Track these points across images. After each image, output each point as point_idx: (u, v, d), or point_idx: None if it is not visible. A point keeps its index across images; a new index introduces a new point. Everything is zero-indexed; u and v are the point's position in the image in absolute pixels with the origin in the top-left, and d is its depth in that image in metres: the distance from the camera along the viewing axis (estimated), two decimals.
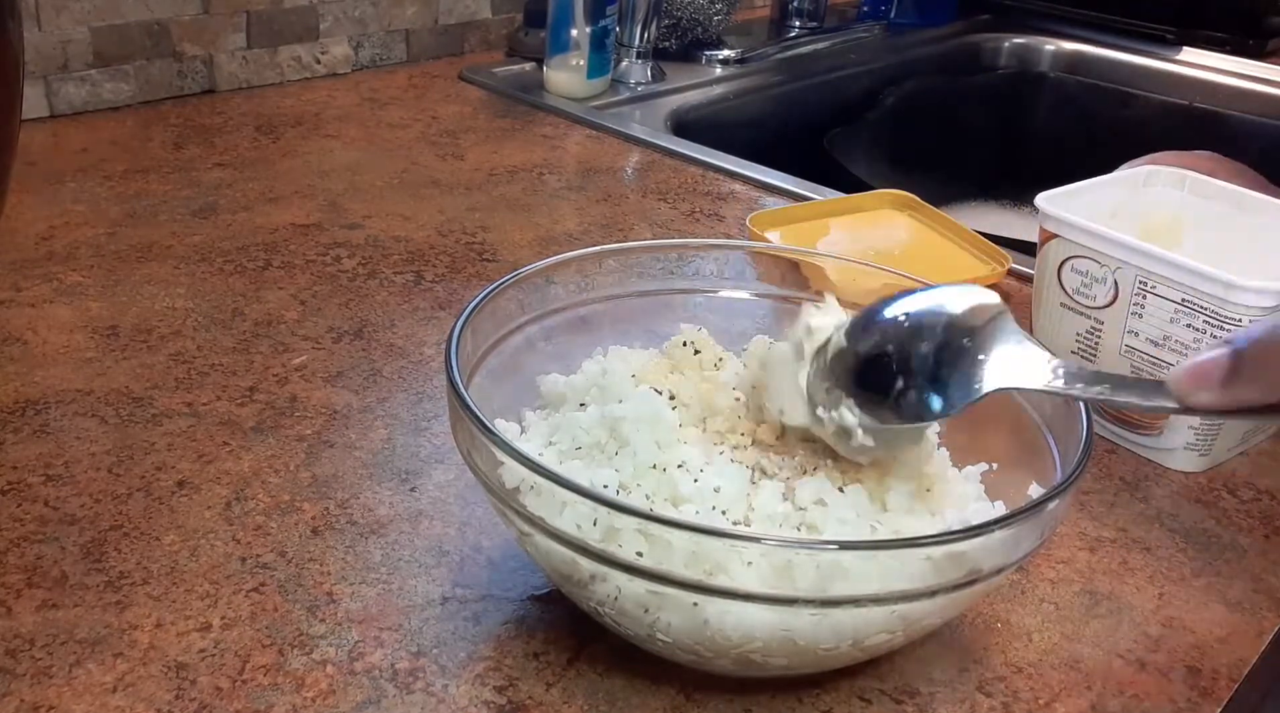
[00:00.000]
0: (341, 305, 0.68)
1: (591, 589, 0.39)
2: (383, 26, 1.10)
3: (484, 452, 0.40)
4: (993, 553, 0.38)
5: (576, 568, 0.39)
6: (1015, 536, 0.39)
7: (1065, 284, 0.59)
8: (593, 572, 0.39)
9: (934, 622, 0.41)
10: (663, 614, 0.38)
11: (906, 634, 0.40)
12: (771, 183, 0.90)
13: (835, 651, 0.39)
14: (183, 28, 0.97)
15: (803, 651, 0.39)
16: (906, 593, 0.37)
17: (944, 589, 0.38)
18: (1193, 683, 0.45)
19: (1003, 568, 0.39)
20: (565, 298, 0.52)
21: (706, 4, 1.19)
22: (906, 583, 0.37)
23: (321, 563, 0.47)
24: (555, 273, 0.52)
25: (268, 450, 0.54)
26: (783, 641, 0.38)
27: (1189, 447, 0.57)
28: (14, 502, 0.49)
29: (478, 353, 0.47)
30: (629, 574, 0.37)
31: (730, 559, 0.37)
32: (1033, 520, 0.39)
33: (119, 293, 0.67)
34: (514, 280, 0.50)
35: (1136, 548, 0.53)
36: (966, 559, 0.38)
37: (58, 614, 0.44)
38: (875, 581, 0.37)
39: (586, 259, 0.52)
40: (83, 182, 0.81)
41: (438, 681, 0.42)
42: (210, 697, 0.41)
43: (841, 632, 0.38)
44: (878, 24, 1.39)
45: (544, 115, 1.03)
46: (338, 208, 0.81)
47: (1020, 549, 0.39)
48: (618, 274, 0.53)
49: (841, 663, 0.42)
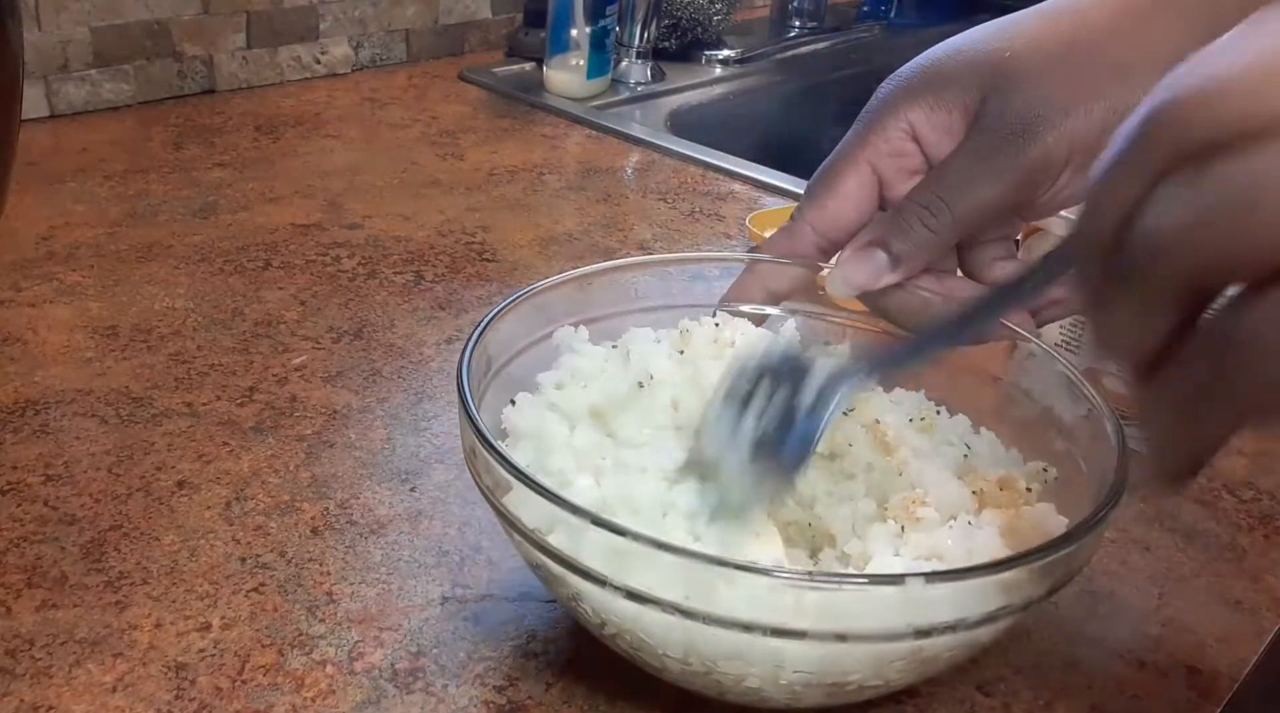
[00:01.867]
0: (341, 305, 0.68)
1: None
2: (383, 26, 1.10)
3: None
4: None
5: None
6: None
7: None
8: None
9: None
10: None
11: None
12: (771, 183, 0.90)
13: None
14: (183, 28, 0.97)
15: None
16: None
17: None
18: (1193, 683, 0.45)
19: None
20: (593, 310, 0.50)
21: (706, 4, 1.19)
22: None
23: (321, 563, 0.47)
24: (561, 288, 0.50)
25: (267, 450, 0.54)
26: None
27: None
28: (14, 502, 0.49)
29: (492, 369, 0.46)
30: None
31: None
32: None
33: (119, 293, 0.67)
34: (528, 295, 0.48)
35: (1136, 548, 0.53)
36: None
37: (58, 614, 0.44)
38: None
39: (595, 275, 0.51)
40: (83, 181, 0.81)
41: (438, 681, 0.42)
42: (210, 697, 0.41)
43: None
44: (878, 24, 1.39)
45: (544, 115, 1.03)
46: (338, 208, 0.81)
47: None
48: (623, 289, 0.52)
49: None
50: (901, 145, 0.47)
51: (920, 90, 0.47)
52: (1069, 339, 0.60)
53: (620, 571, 0.36)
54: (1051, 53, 0.45)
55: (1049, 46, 0.46)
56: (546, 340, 0.48)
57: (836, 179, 0.48)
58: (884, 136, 0.47)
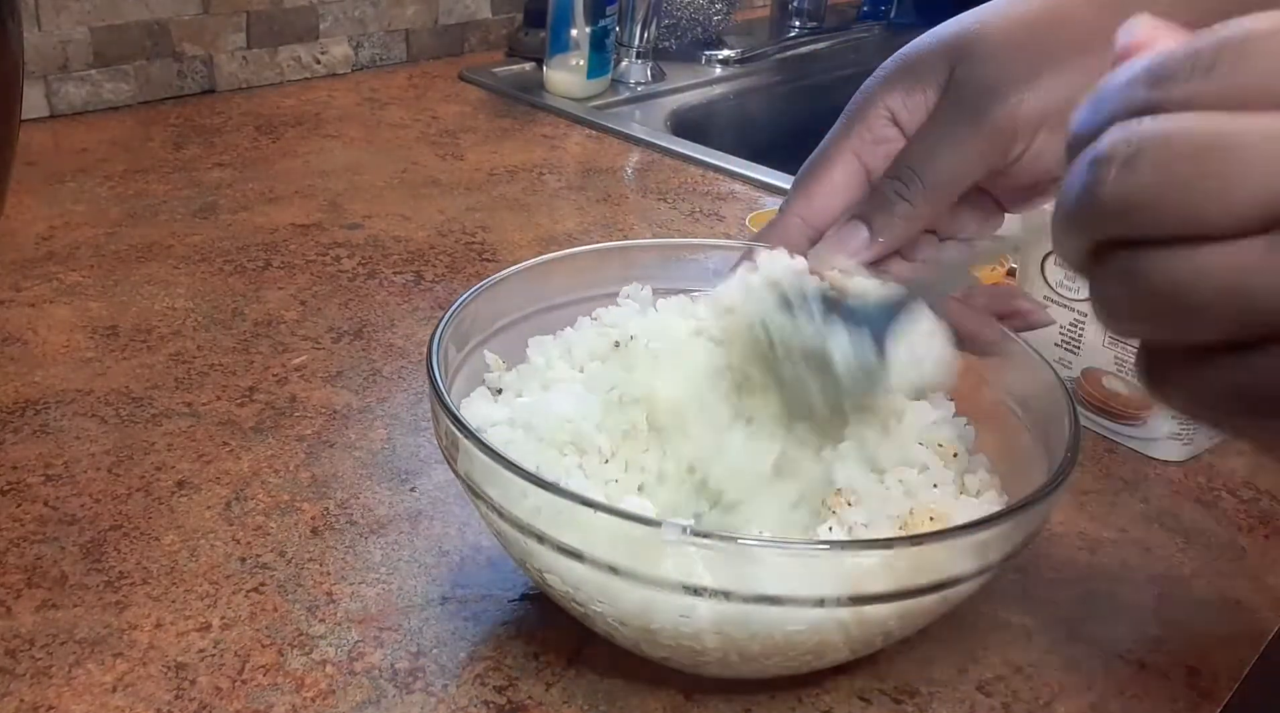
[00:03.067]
0: (341, 305, 0.68)
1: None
2: (383, 26, 1.10)
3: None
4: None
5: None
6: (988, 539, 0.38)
7: (1049, 278, 0.60)
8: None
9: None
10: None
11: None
12: (771, 183, 0.90)
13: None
14: (183, 28, 0.97)
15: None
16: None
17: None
18: (1193, 683, 0.45)
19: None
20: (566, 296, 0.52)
21: (706, 4, 1.19)
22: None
23: (321, 563, 0.47)
24: (554, 269, 0.51)
25: (267, 450, 0.54)
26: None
27: (1173, 436, 0.58)
28: (14, 502, 0.49)
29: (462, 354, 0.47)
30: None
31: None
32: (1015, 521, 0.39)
33: (119, 293, 0.67)
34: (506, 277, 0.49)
35: (1136, 548, 0.53)
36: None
37: (57, 614, 0.44)
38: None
39: (581, 257, 0.52)
40: (83, 181, 0.81)
41: (438, 681, 0.42)
42: (210, 697, 0.41)
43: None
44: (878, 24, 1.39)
45: (544, 115, 1.03)
46: (338, 208, 0.81)
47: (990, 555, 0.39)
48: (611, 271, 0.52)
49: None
50: (883, 132, 0.48)
51: (897, 76, 0.48)
52: (1068, 340, 0.60)
53: (555, 528, 0.37)
54: (1019, 23, 0.46)
55: (1017, 17, 0.46)
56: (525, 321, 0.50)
57: (822, 170, 0.49)
58: (866, 125, 0.48)
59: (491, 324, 0.49)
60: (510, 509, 0.38)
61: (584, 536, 0.37)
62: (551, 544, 0.37)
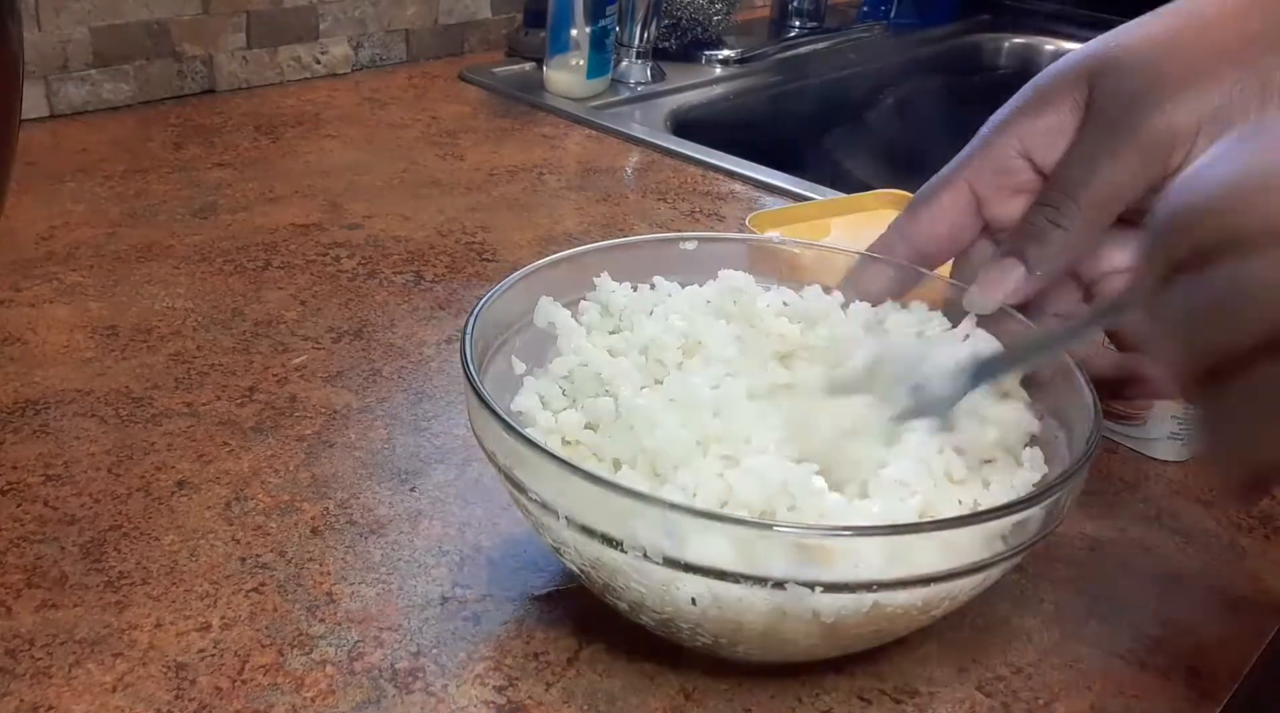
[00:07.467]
0: (341, 305, 0.68)
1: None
2: (383, 26, 1.10)
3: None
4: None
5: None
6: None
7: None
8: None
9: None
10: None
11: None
12: (771, 183, 0.90)
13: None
14: (183, 28, 0.97)
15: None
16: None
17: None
18: (1193, 684, 0.45)
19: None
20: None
21: (706, 4, 1.19)
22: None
23: (321, 563, 0.47)
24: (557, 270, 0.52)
25: (267, 450, 0.54)
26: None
27: (1172, 436, 0.58)
28: (14, 502, 0.49)
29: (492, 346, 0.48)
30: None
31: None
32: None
33: (119, 293, 0.67)
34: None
35: (1136, 548, 0.53)
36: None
37: (57, 614, 0.44)
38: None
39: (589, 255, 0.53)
40: (83, 181, 0.81)
41: (437, 681, 0.42)
42: (210, 697, 0.41)
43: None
44: (878, 24, 1.39)
45: (544, 115, 1.03)
46: (338, 208, 0.81)
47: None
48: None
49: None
50: (1007, 163, 0.47)
51: (1028, 104, 0.47)
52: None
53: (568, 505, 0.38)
54: (1161, 35, 0.45)
55: (1159, 30, 0.45)
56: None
57: (932, 194, 0.49)
58: (988, 154, 0.47)
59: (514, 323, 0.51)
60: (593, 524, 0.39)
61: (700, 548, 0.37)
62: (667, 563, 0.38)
